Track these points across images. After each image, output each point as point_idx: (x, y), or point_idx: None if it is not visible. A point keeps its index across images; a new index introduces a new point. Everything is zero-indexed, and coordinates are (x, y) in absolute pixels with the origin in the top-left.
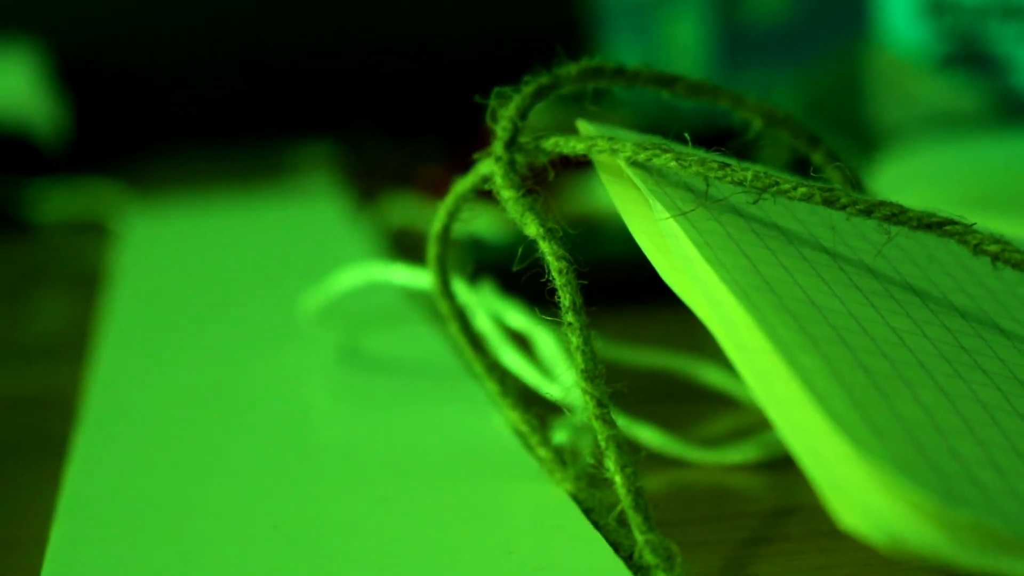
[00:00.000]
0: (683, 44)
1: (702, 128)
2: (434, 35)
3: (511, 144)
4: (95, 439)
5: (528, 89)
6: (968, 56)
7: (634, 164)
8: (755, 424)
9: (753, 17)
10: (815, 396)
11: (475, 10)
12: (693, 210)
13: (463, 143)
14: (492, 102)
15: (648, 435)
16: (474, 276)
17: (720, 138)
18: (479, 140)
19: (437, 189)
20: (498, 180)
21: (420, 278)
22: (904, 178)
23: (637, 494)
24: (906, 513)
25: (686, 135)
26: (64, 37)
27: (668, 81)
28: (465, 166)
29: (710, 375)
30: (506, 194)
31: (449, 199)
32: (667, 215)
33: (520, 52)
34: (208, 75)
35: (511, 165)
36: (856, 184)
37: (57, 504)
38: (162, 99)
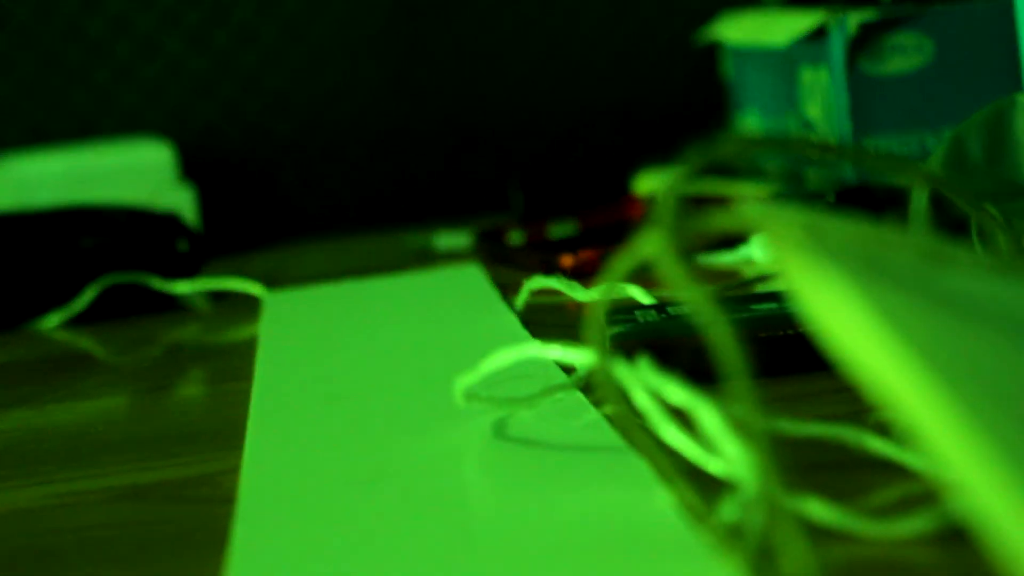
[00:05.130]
0: (815, 109)
1: (844, 194)
2: (566, 116)
3: (674, 218)
4: (254, 526)
5: (689, 162)
6: None
7: (804, 236)
8: (925, 494)
9: (887, 77)
10: (1011, 471)
11: (607, 89)
12: (869, 283)
13: (600, 222)
14: (641, 178)
15: (816, 508)
16: (631, 352)
17: (864, 204)
18: (616, 217)
19: (578, 269)
20: (663, 257)
21: (577, 355)
22: None
23: (814, 571)
24: None
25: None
26: (192, 135)
27: (830, 148)
28: (602, 244)
29: (876, 443)
30: (672, 271)
31: (609, 276)
32: (843, 286)
33: (654, 130)
34: (340, 166)
35: (674, 240)
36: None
37: None
38: (293, 193)
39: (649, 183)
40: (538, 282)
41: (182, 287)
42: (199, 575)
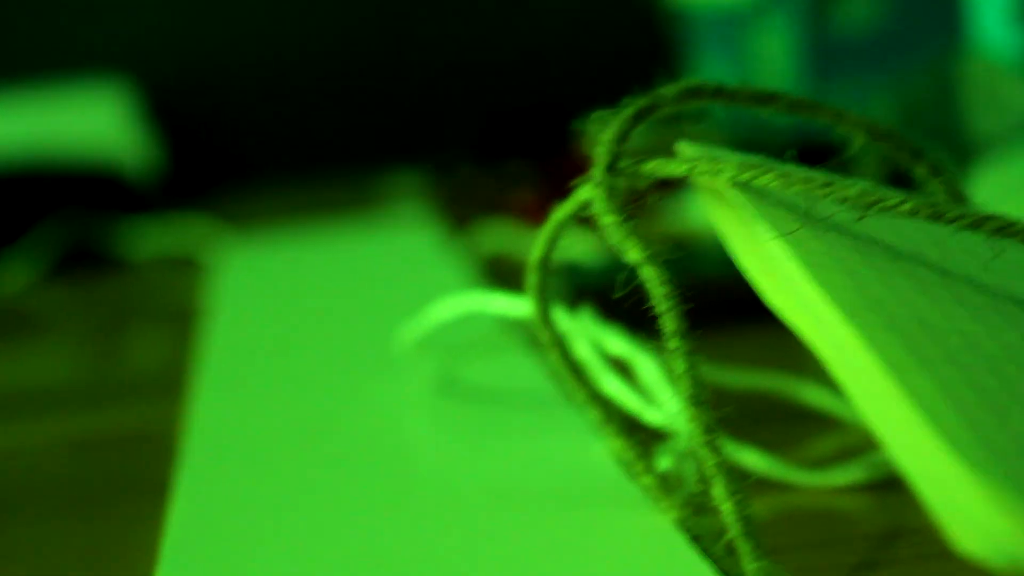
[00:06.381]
0: (772, 58)
1: (800, 144)
2: (519, 60)
3: (611, 168)
4: (197, 476)
5: (627, 112)
6: None
7: (736, 185)
8: (860, 444)
9: (842, 28)
10: (929, 417)
11: (561, 35)
12: (797, 230)
13: (554, 166)
14: (590, 126)
15: (753, 459)
16: (573, 302)
17: (819, 154)
18: (570, 163)
19: (530, 214)
20: (599, 205)
21: (518, 306)
22: (1003, 188)
23: (746, 521)
24: None
25: (791, 152)
26: (155, 75)
27: (768, 99)
28: (557, 189)
29: (813, 395)
30: (607, 219)
31: (548, 226)
32: (771, 236)
33: (607, 74)
34: (299, 108)
35: (611, 190)
36: (961, 197)
37: (161, 542)
38: (253, 133)
39: (596, 131)
40: (491, 229)
41: (131, 242)
42: (140, 517)
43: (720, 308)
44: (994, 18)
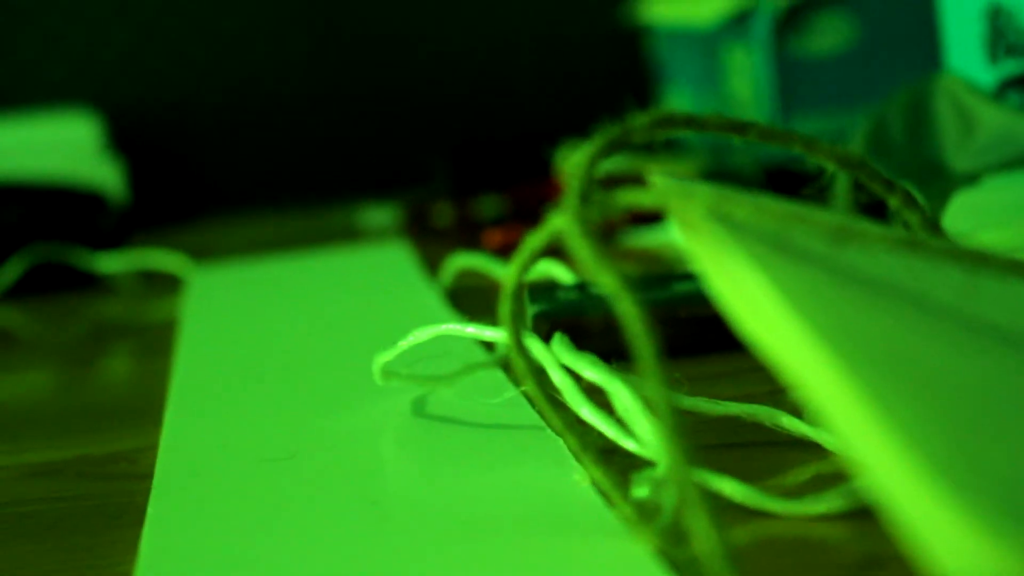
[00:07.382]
0: (744, 82)
1: (771, 170)
2: (495, 90)
3: (584, 198)
4: (169, 503)
5: (599, 142)
6: None
7: (710, 217)
8: (838, 473)
9: (813, 53)
10: (911, 446)
11: (538, 64)
12: (772, 261)
13: (527, 197)
14: (562, 157)
15: (730, 487)
16: (548, 330)
17: (790, 179)
18: (543, 193)
19: (503, 246)
20: (572, 235)
21: (493, 334)
22: (975, 216)
23: (723, 549)
24: (1010, 565)
25: (761, 181)
26: (120, 107)
27: (740, 127)
28: (530, 220)
29: (790, 423)
30: (580, 249)
31: (521, 255)
32: (746, 267)
33: (583, 102)
34: (268, 139)
35: (584, 219)
36: (934, 227)
37: (134, 572)
38: (223, 165)
39: (568, 161)
40: (463, 260)
41: (105, 263)
42: (113, 552)
43: (696, 336)
44: (967, 57)
